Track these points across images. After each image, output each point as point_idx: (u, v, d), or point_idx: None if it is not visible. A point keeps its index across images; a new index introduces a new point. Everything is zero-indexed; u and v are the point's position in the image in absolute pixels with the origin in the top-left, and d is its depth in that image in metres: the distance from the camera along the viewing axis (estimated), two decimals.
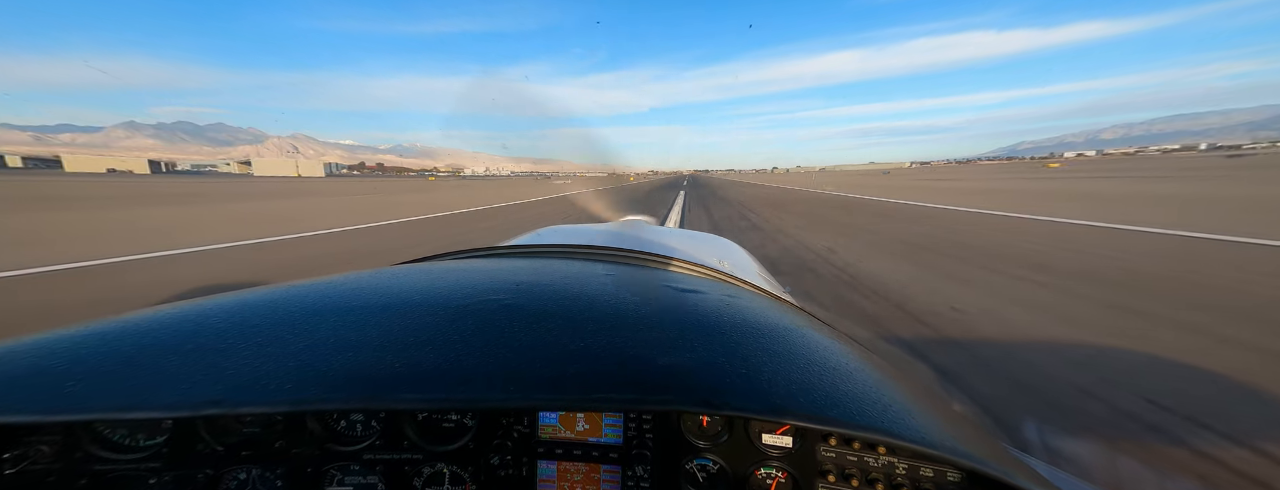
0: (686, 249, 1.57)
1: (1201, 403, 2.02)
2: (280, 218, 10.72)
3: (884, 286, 4.10)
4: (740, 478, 0.71)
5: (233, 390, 0.43)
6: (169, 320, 0.57)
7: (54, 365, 0.47)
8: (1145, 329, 2.91)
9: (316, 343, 0.50)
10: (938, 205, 11.52)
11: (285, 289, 0.68)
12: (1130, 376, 2.30)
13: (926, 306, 3.50)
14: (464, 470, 0.74)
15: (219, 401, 0.42)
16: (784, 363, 0.54)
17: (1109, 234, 6.27)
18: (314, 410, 0.60)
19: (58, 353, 0.49)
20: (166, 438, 0.69)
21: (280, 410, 0.42)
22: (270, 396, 0.43)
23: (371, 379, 0.45)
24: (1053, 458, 1.62)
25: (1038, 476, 0.50)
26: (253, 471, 0.70)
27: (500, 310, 0.59)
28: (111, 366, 0.46)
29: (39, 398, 0.43)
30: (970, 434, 0.54)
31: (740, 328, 0.62)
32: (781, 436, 0.70)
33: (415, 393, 0.43)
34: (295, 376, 0.45)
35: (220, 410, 0.42)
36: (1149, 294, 3.58)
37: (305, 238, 7.55)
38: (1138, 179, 19.96)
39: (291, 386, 0.44)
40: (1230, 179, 16.84)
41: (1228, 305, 3.26)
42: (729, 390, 0.47)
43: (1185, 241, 5.54)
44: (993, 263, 4.85)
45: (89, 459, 0.66)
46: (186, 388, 0.43)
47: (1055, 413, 1.99)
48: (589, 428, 0.76)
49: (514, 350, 0.50)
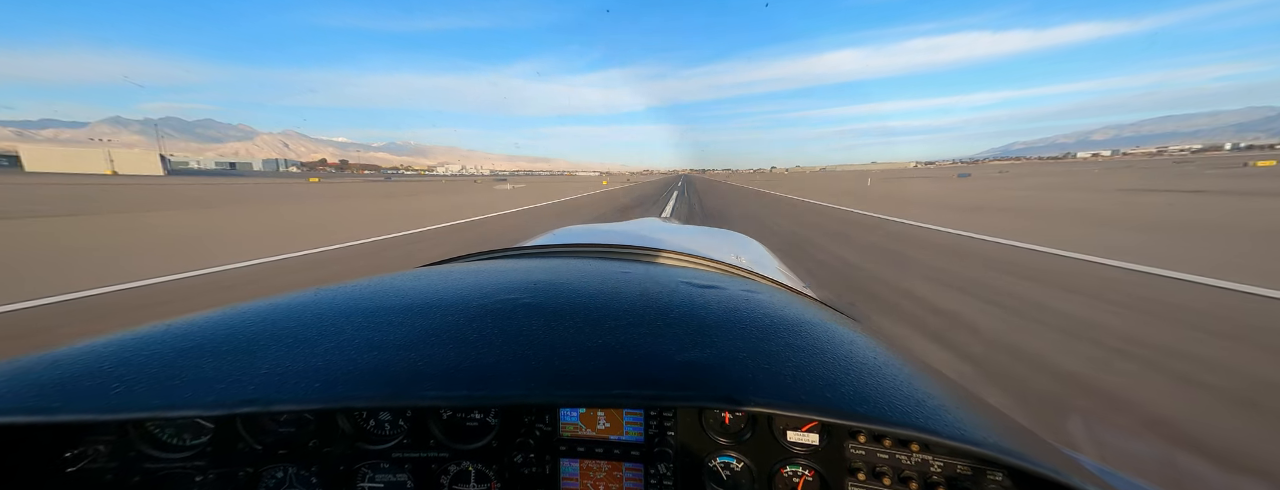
0: (704, 245, 1.57)
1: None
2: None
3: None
4: (765, 476, 0.70)
5: (266, 389, 0.45)
6: (206, 324, 0.59)
7: (103, 368, 0.49)
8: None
9: (343, 343, 0.52)
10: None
11: (315, 293, 0.70)
12: None
13: None
14: (489, 468, 0.75)
15: (253, 400, 0.44)
16: (808, 357, 0.53)
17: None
18: (342, 407, 0.61)
19: (106, 356, 0.51)
20: (210, 437, 0.71)
21: (311, 407, 0.44)
22: (301, 395, 0.44)
23: (396, 377, 0.46)
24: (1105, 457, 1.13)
25: (1090, 475, 0.48)
26: (289, 470, 0.73)
27: (520, 309, 0.60)
28: (155, 369, 0.49)
29: (93, 398, 0.45)
30: (1012, 431, 0.51)
31: (761, 323, 0.61)
32: (807, 433, 0.69)
33: (438, 390, 0.45)
34: (324, 375, 0.46)
35: (255, 409, 0.44)
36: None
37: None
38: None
39: (320, 385, 0.45)
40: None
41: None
42: (752, 386, 0.46)
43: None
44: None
45: (141, 457, 0.69)
46: (223, 388, 0.45)
47: None
48: (610, 425, 0.76)
49: (533, 348, 0.51)
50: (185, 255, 6.70)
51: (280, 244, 7.80)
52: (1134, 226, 8.28)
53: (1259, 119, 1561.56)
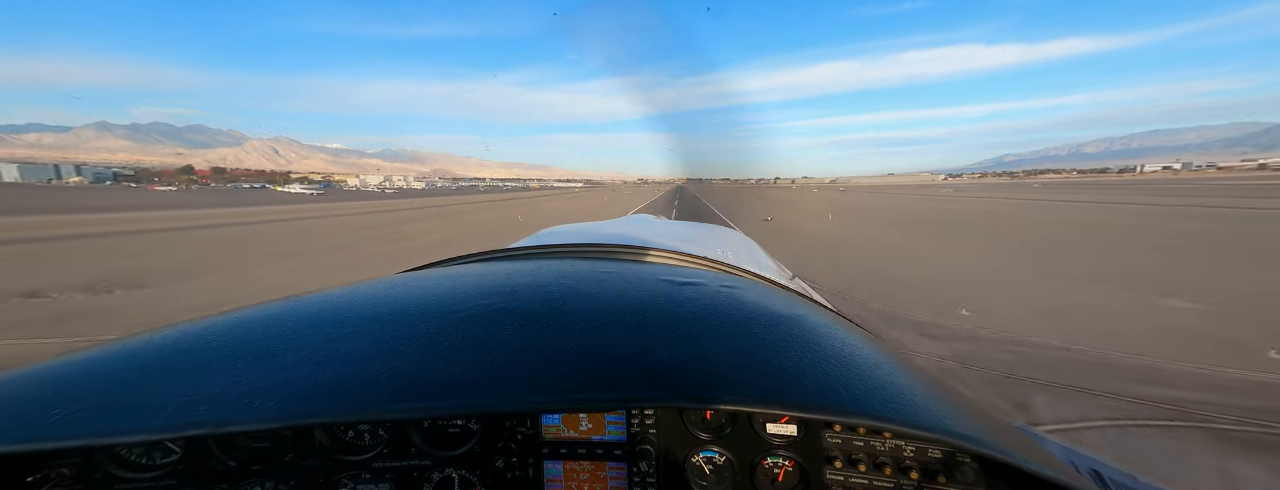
0: (690, 242, 1.61)
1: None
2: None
3: None
4: (747, 468, 0.71)
5: (219, 409, 0.43)
6: (162, 342, 0.56)
7: (43, 393, 0.47)
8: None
9: (306, 357, 0.50)
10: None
11: (287, 303, 0.68)
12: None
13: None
14: (472, 474, 0.74)
15: (204, 422, 0.41)
16: (777, 352, 0.53)
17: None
18: (299, 426, 0.57)
19: (47, 381, 0.49)
20: (180, 455, 0.68)
21: (267, 427, 0.42)
22: (256, 414, 0.42)
23: (357, 391, 0.44)
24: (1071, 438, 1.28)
25: (1048, 457, 0.48)
26: (266, 485, 0.70)
27: (492, 314, 0.59)
28: (100, 392, 0.46)
29: (27, 427, 0.42)
30: (975, 416, 0.52)
31: (735, 319, 0.61)
32: (785, 425, 0.69)
33: (404, 402, 0.43)
34: (281, 392, 0.44)
35: (204, 431, 0.41)
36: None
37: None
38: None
39: (276, 403, 0.43)
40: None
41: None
42: (719, 384, 0.46)
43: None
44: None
45: (109, 479, 0.66)
46: (172, 410, 0.43)
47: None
48: (592, 426, 0.75)
49: (504, 354, 0.50)
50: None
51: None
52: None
53: (1245, 135, 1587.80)
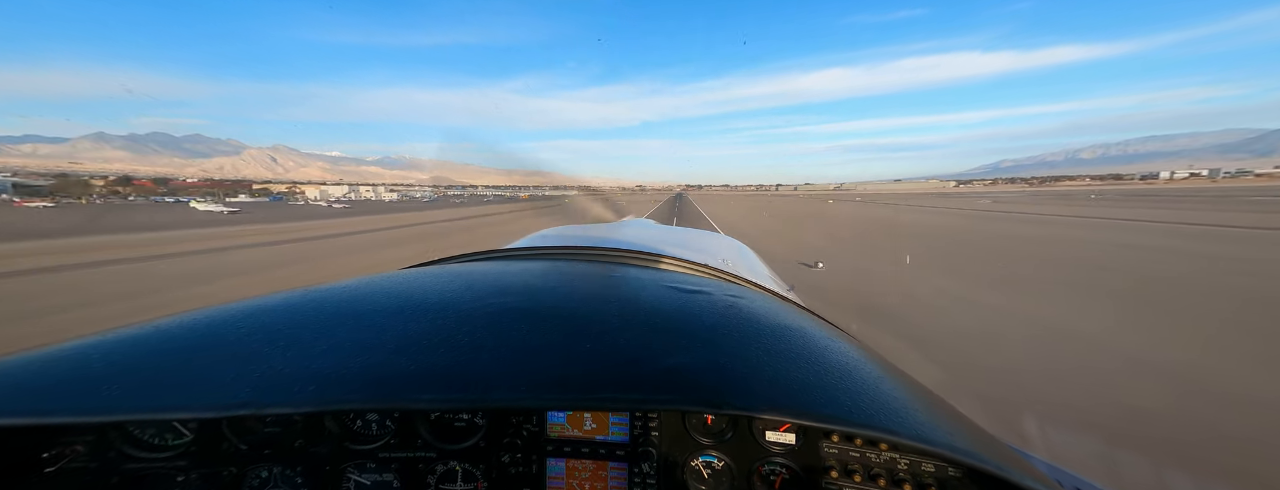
0: (692, 249, 1.62)
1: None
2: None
3: None
4: (745, 474, 0.72)
5: (261, 392, 0.45)
6: (197, 324, 0.58)
7: (90, 370, 0.48)
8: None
9: (336, 346, 0.52)
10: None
11: (305, 293, 0.69)
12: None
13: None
14: (475, 468, 0.75)
15: (248, 403, 0.44)
16: (784, 362, 0.55)
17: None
18: (336, 410, 0.58)
19: (94, 357, 0.50)
20: (193, 437, 0.69)
21: (305, 410, 0.44)
22: (295, 398, 0.44)
23: (389, 381, 0.47)
24: (1056, 456, 1.35)
25: (1037, 473, 0.50)
26: (274, 469, 0.72)
27: (510, 313, 0.61)
28: (146, 370, 0.48)
29: (76, 400, 0.44)
30: (968, 431, 0.54)
31: (743, 328, 0.63)
32: (785, 434, 0.71)
33: (431, 393, 0.45)
34: (319, 379, 0.46)
35: (250, 411, 0.43)
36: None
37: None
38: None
39: (315, 388, 0.45)
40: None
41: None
42: (730, 390, 0.48)
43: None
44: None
45: (121, 458, 0.67)
46: (217, 390, 0.45)
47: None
48: (596, 426, 0.76)
49: (523, 351, 0.52)
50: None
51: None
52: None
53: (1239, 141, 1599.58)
